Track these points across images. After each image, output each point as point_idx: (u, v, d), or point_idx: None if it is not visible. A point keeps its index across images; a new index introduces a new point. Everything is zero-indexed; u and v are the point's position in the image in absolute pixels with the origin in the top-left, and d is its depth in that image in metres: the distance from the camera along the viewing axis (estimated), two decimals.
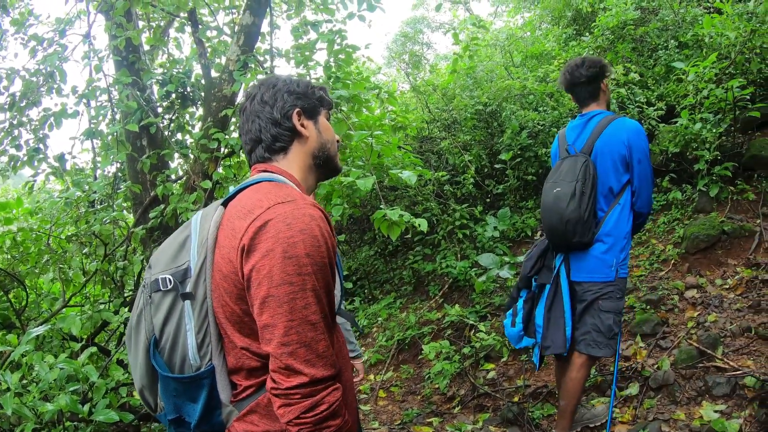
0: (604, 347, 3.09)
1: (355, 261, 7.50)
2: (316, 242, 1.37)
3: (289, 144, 1.66)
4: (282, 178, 1.59)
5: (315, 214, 1.41)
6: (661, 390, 3.60)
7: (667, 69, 6.39)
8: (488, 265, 5.33)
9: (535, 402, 4.13)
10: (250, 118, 1.66)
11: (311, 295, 1.35)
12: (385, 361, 5.78)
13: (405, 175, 3.86)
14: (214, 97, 4.89)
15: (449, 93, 7.50)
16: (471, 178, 6.47)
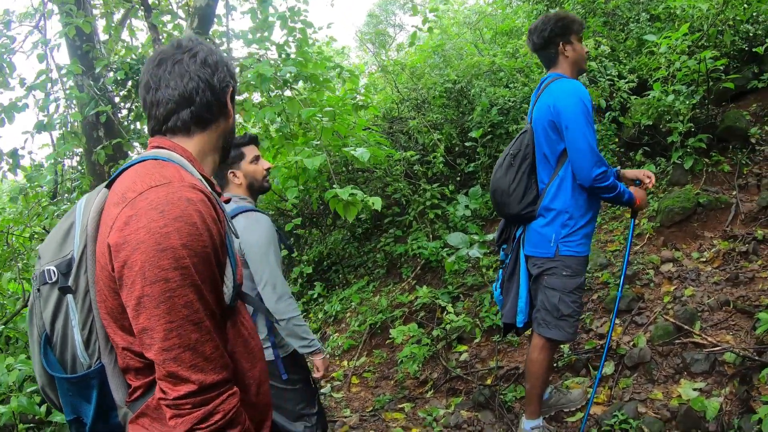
0: (553, 328, 2.92)
1: (326, 246, 7.30)
2: (195, 230, 1.21)
3: (214, 119, 1.50)
4: (174, 156, 1.40)
5: (194, 197, 1.24)
6: (638, 368, 3.47)
7: (639, 42, 6.26)
8: (458, 245, 5.15)
9: (507, 384, 4.00)
10: (184, 74, 1.43)
11: (191, 291, 1.20)
12: (358, 347, 5.63)
13: (358, 153, 3.67)
14: None
15: (418, 72, 7.31)
16: (441, 157, 6.29)
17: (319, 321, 6.51)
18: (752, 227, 4.36)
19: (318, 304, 6.93)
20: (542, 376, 3.07)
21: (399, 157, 6.22)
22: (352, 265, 7.36)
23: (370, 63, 9.39)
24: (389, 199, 6.81)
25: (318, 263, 7.38)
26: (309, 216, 7.67)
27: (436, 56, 7.09)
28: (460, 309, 5.18)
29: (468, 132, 6.47)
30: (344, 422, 4.25)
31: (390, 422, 4.10)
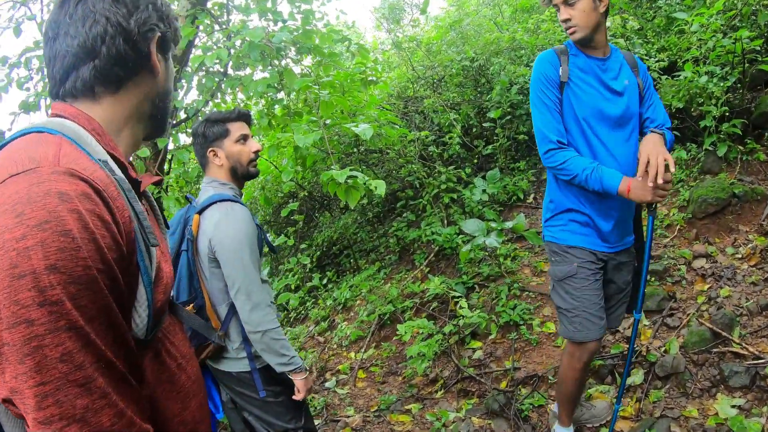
0: (559, 322, 2.71)
1: (335, 230, 7.00)
2: (68, 243, 0.82)
3: (129, 76, 1.14)
4: (69, 127, 1.03)
5: (69, 189, 0.86)
6: (670, 379, 3.12)
7: (668, 20, 5.81)
8: (473, 233, 4.81)
9: (524, 390, 3.68)
10: (88, 16, 1.08)
11: (69, 337, 0.82)
12: (366, 338, 5.34)
13: (359, 129, 3.32)
14: None
15: (434, 49, 6.89)
16: (457, 138, 5.92)
17: (327, 308, 6.23)
18: None
19: (327, 290, 6.66)
20: (566, 382, 2.75)
21: (413, 137, 5.88)
22: (363, 250, 7.07)
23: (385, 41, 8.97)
24: (403, 182, 6.48)
25: (327, 248, 7.09)
26: (319, 199, 7.36)
27: (453, 32, 6.66)
28: (475, 301, 4.86)
29: (486, 112, 6.09)
30: (346, 423, 3.98)
31: (395, 425, 3.83)
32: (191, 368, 1.26)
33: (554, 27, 6.19)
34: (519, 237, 5.36)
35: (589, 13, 2.31)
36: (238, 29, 3.65)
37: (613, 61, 2.46)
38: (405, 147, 6.02)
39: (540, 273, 4.88)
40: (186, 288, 2.27)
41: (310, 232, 7.55)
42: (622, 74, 2.46)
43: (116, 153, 1.11)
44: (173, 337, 1.25)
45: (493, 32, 6.41)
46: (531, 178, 6.07)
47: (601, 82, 2.43)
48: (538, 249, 5.17)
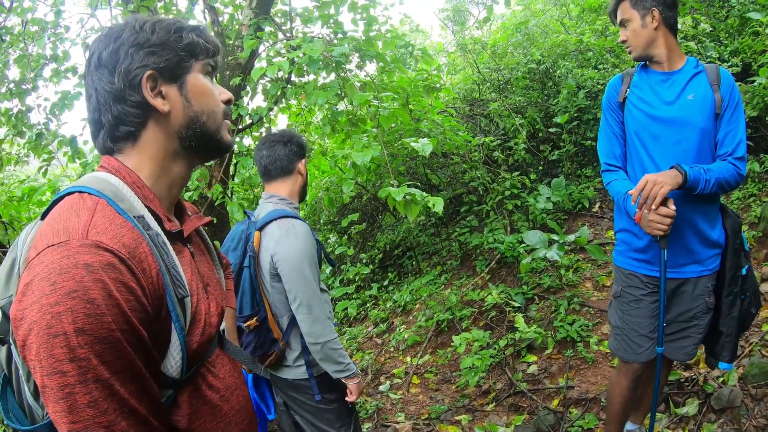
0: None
1: (397, 234, 7.04)
2: (93, 309, 0.93)
3: (139, 127, 1.18)
4: (109, 184, 1.14)
5: (95, 261, 0.96)
6: (725, 413, 2.97)
7: (742, 21, 5.45)
8: (535, 244, 4.72)
9: (576, 410, 3.59)
10: (88, 91, 1.18)
11: (96, 388, 0.94)
12: (423, 344, 5.36)
13: (419, 144, 3.33)
14: (228, 66, 4.47)
15: (500, 51, 6.77)
16: (522, 143, 5.82)
17: (387, 310, 6.29)
18: None
19: (388, 292, 6.72)
20: (611, 397, 2.74)
21: (478, 142, 5.82)
22: (426, 253, 7.08)
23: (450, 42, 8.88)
24: (467, 187, 6.43)
25: (390, 250, 7.15)
26: (384, 201, 7.41)
27: (519, 34, 6.52)
28: (533, 313, 4.78)
29: (553, 117, 5.94)
30: (396, 429, 4.02)
31: None
32: (236, 398, 1.34)
33: None
34: (582, 248, 5.21)
35: (639, 32, 2.38)
36: (298, 44, 3.72)
37: (682, 74, 2.40)
38: (469, 152, 5.98)
39: (602, 288, 4.74)
40: (249, 302, 2.38)
41: (374, 233, 7.62)
42: (690, 88, 2.37)
43: (153, 205, 1.18)
44: (219, 369, 1.33)
45: (560, 34, 6.23)
46: (598, 186, 5.88)
47: (655, 95, 2.41)
48: (601, 262, 5.02)
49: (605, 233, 5.41)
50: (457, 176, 6.49)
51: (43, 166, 4.39)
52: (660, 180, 2.16)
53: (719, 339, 2.49)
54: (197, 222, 1.33)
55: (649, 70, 2.47)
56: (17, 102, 4.35)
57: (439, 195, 5.20)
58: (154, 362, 1.09)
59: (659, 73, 2.43)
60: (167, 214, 1.24)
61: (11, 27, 4.60)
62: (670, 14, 2.36)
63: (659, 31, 2.36)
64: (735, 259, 2.43)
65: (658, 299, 2.51)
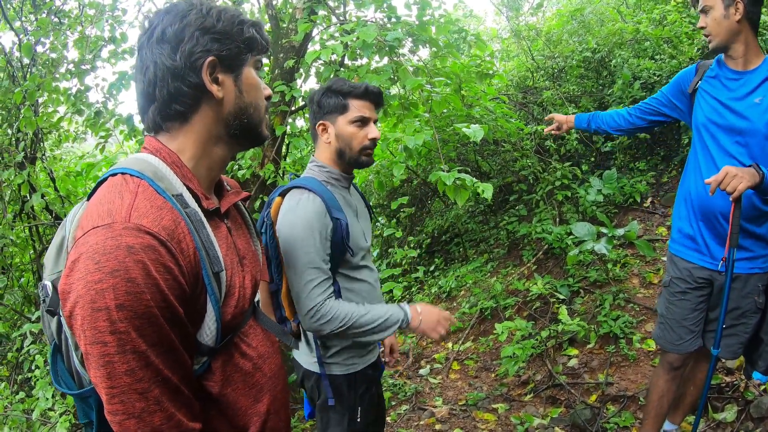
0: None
1: (446, 219, 7.05)
2: (134, 287, 1.01)
3: (191, 108, 1.22)
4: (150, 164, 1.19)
5: (136, 243, 1.03)
6: (763, 422, 2.91)
7: None
8: (583, 236, 4.66)
9: (613, 407, 3.57)
10: (144, 63, 1.21)
11: (133, 358, 1.03)
12: (465, 330, 5.40)
13: (470, 131, 3.33)
14: (282, 48, 4.55)
15: (555, 38, 6.64)
16: (575, 133, 5.71)
17: (432, 295, 6.35)
18: None
19: (434, 277, 6.76)
20: (651, 388, 2.79)
21: (530, 131, 5.75)
22: (473, 240, 7.08)
23: (504, 28, 8.72)
24: (517, 175, 6.37)
25: (438, 236, 7.17)
26: (433, 186, 7.43)
27: (575, 21, 6.36)
28: (577, 306, 4.74)
29: (607, 107, 5.81)
30: (433, 413, 4.09)
31: (479, 422, 3.88)
32: (268, 366, 1.40)
33: (680, 18, 5.73)
34: (631, 243, 5.11)
35: (720, 21, 2.31)
36: (352, 28, 3.76)
37: (756, 74, 2.35)
38: (521, 140, 5.92)
39: (648, 285, 4.65)
40: None
41: (423, 217, 7.66)
42: (760, 91, 2.32)
43: (192, 184, 1.24)
44: (252, 339, 1.38)
45: (617, 22, 6.06)
46: (650, 180, 5.73)
47: (723, 93, 2.40)
48: (650, 258, 4.91)
49: (656, 229, 5.29)
50: (507, 164, 6.44)
51: (101, 143, 4.58)
52: (740, 174, 2.12)
53: (759, 347, 2.47)
54: (234, 198, 1.38)
55: (723, 66, 2.44)
56: (76, 82, 4.52)
57: (489, 182, 5.18)
58: (189, 336, 1.16)
59: (732, 71, 2.40)
60: (205, 192, 1.28)
61: (69, 10, 4.80)
62: (754, 10, 2.30)
63: (741, 25, 2.30)
64: None
65: (704, 294, 2.53)
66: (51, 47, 4.60)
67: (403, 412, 4.17)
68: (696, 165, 2.52)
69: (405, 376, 4.90)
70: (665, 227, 5.23)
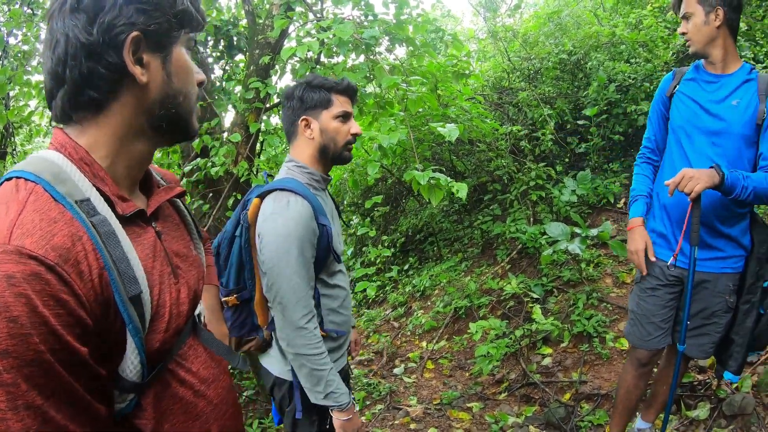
0: None
1: (420, 219, 7.06)
2: (17, 329, 0.80)
3: (108, 95, 1.00)
4: (51, 163, 0.98)
5: (17, 271, 0.82)
6: (736, 419, 2.95)
7: None
8: (557, 236, 4.71)
9: (587, 405, 3.60)
10: (54, 36, 0.98)
11: (28, 415, 0.83)
12: (439, 329, 5.40)
13: (445, 130, 3.33)
14: (257, 45, 4.50)
15: (531, 40, 6.69)
16: (550, 134, 5.76)
17: (406, 294, 6.34)
18: None
19: (408, 276, 6.76)
20: (620, 385, 2.82)
21: (505, 131, 5.78)
22: (447, 239, 7.09)
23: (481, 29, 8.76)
24: (491, 175, 6.40)
25: (412, 234, 7.17)
26: (407, 185, 7.42)
27: (552, 24, 6.42)
28: (551, 305, 4.78)
29: (582, 109, 5.87)
30: (407, 412, 4.08)
31: (454, 421, 3.88)
32: (214, 391, 1.23)
33: (656, 23, 5.82)
34: (604, 243, 5.17)
35: (700, 27, 2.36)
36: (329, 25, 3.73)
37: (733, 78, 2.41)
38: (496, 140, 5.94)
39: (621, 284, 4.71)
40: (234, 277, 1.97)
41: (397, 216, 7.65)
42: (737, 94, 2.38)
43: (104, 186, 1.03)
44: (192, 362, 1.21)
45: (593, 25, 6.13)
46: (624, 182, 5.81)
47: (701, 96, 2.45)
48: (623, 258, 4.98)
49: (628, 230, 5.35)
50: (482, 164, 6.46)
51: None
52: (697, 176, 2.17)
53: (730, 347, 2.50)
54: (165, 195, 1.18)
55: (701, 71, 2.49)
56: None
57: (464, 182, 5.19)
58: (100, 378, 0.96)
59: (710, 74, 2.45)
60: (124, 193, 1.08)
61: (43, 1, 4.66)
62: (733, 16, 2.36)
63: (720, 31, 2.36)
64: (757, 268, 2.42)
65: (674, 291, 2.56)
66: (23, 39, 4.46)
67: (377, 412, 4.15)
68: (671, 166, 2.54)
69: (379, 375, 4.88)
70: None
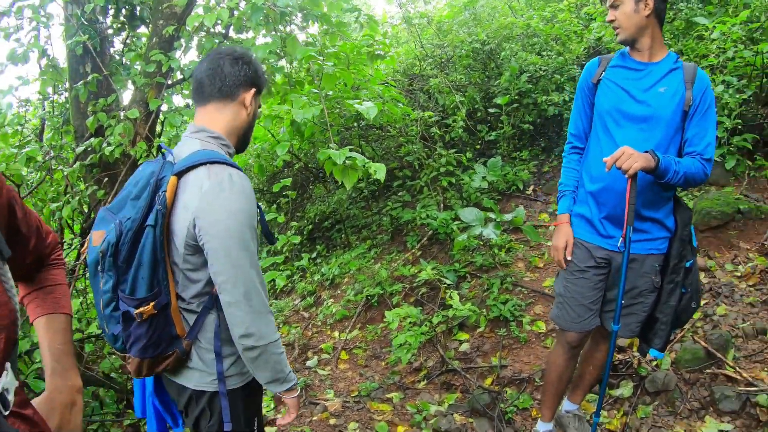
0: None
1: (328, 205, 6.87)
2: None
3: None
4: None
5: None
6: (659, 395, 3.06)
7: (688, 24, 5.63)
8: (470, 222, 4.69)
9: (511, 390, 3.60)
10: None
11: None
12: (352, 318, 5.25)
13: (364, 107, 3.18)
14: (162, 14, 4.10)
15: (445, 28, 6.69)
16: (461, 122, 5.76)
17: (315, 283, 6.13)
18: None
19: (316, 265, 6.55)
20: (549, 368, 2.85)
21: (416, 117, 5.71)
22: (356, 226, 6.95)
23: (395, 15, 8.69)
24: (401, 161, 6.33)
25: (319, 222, 6.96)
26: (315, 171, 7.20)
27: (467, 12, 6.45)
28: (465, 291, 4.76)
29: (492, 98, 5.93)
30: (325, 407, 3.90)
31: (375, 413, 3.75)
32: None
33: (571, 18, 6.01)
34: (515, 229, 5.25)
35: (630, 15, 2.37)
36: None
37: (660, 66, 2.45)
38: (407, 126, 5.86)
39: (534, 269, 4.79)
40: (146, 279, 1.62)
41: (303, 203, 7.41)
42: (664, 82, 2.43)
43: None
44: None
45: (508, 16, 6.21)
46: (532, 169, 5.94)
47: (628, 83, 2.47)
48: (533, 243, 5.07)
49: (538, 215, 5.48)
50: (392, 150, 6.38)
51: None
52: (635, 155, 2.21)
53: (654, 325, 2.57)
54: None
55: (627, 58, 2.52)
56: None
57: (351, 173, 5.04)
58: None
59: (637, 62, 2.48)
60: None
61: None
62: (661, 6, 2.40)
63: (649, 20, 2.39)
64: (680, 249, 2.49)
65: (602, 273, 2.59)
66: None
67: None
68: (598, 151, 2.55)
69: (292, 368, 4.65)
70: (547, 213, 5.43)
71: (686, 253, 2.50)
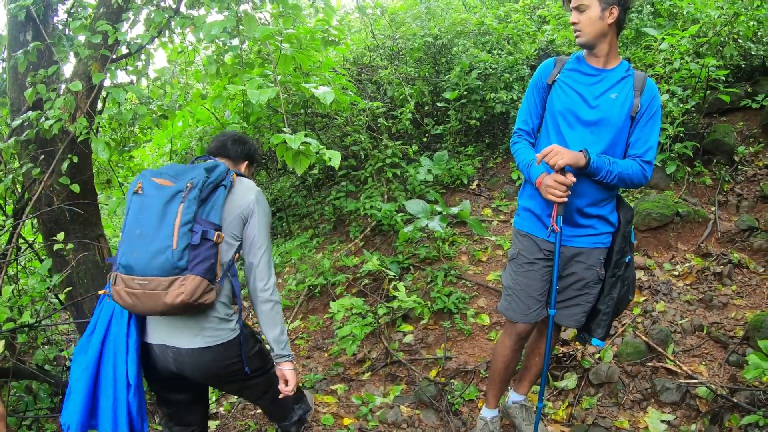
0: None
1: (271, 192, 6.73)
2: None
3: None
4: None
5: None
6: (603, 387, 3.16)
7: (637, 34, 5.84)
8: (416, 213, 4.71)
9: (457, 381, 3.64)
10: None
11: None
12: (293, 309, 5.18)
13: (320, 92, 3.12)
14: None
15: (398, 19, 6.66)
16: (409, 114, 5.76)
17: None
18: (728, 248, 4.15)
19: None
20: (495, 358, 2.89)
21: (364, 106, 5.66)
22: (297, 215, 6.85)
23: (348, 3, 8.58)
24: (346, 151, 6.27)
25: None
26: (258, 157, 7.03)
27: (422, 6, 6.46)
28: (409, 283, 4.78)
29: (441, 92, 5.96)
30: None
31: (320, 405, 3.71)
32: None
33: (524, 19, 6.11)
34: (459, 222, 5.31)
35: (594, 21, 2.42)
36: None
37: (613, 73, 2.52)
38: (354, 115, 5.81)
39: (478, 262, 4.85)
40: (218, 214, 2.13)
41: None
42: (616, 88, 2.50)
43: None
44: None
45: (462, 13, 6.25)
46: (477, 165, 6.02)
47: (582, 87, 2.53)
48: (477, 237, 5.14)
49: (482, 210, 5.56)
50: (337, 139, 6.30)
51: None
52: (562, 152, 2.32)
53: (596, 316, 2.66)
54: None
55: (583, 63, 2.57)
56: None
57: (303, 159, 4.96)
58: None
59: (593, 68, 2.54)
60: None
61: None
62: (623, 17, 2.47)
63: (611, 28, 2.45)
64: (622, 244, 2.60)
65: (549, 265, 2.66)
66: None
67: (236, 401, 3.85)
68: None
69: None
70: (490, 209, 5.52)
71: (627, 249, 2.62)
